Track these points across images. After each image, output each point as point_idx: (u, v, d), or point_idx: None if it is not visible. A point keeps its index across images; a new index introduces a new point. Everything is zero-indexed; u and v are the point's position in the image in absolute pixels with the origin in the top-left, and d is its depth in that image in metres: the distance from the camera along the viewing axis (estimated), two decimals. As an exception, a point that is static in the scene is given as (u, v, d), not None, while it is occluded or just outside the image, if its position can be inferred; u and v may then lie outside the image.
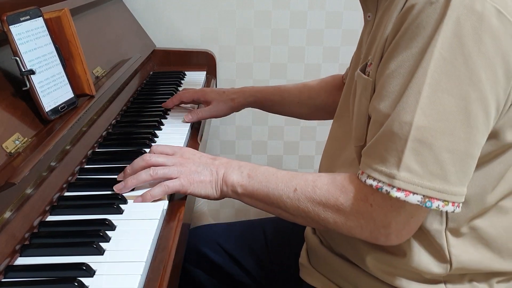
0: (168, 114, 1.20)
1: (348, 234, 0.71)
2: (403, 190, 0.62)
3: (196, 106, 1.23)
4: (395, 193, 0.62)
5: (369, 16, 0.79)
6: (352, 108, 0.79)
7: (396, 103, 0.63)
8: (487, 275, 0.75)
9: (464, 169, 0.62)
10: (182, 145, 1.02)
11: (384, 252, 0.75)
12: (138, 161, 0.82)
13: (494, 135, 0.66)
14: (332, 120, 0.95)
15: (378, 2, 0.76)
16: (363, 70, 0.74)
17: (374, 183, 0.65)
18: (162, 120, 1.15)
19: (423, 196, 0.62)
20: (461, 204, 0.63)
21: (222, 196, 0.80)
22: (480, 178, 0.69)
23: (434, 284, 0.75)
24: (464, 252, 0.72)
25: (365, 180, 0.66)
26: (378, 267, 0.77)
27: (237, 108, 1.18)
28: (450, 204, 0.62)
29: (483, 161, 0.68)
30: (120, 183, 0.81)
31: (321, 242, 0.87)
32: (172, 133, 1.10)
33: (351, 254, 0.81)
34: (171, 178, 0.79)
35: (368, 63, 0.73)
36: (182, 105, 1.22)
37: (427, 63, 0.61)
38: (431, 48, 0.60)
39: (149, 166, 0.80)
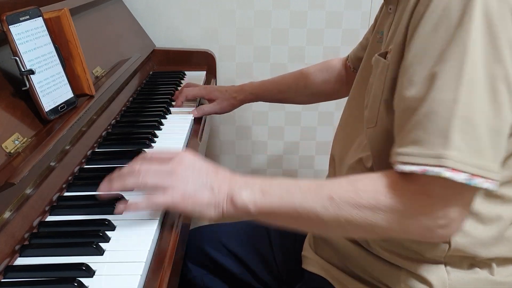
0: (168, 114, 1.21)
1: (403, 235, 0.68)
2: (453, 169, 0.59)
3: (198, 100, 1.32)
4: (445, 173, 0.59)
5: (390, 9, 0.79)
6: (367, 94, 0.79)
7: (431, 85, 0.61)
8: (488, 260, 0.75)
9: (498, 145, 0.62)
10: (182, 145, 1.02)
11: None
12: (128, 167, 0.74)
13: None
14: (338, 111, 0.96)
15: None
16: (383, 56, 0.73)
17: (420, 168, 0.61)
18: (162, 120, 1.15)
19: (470, 174, 0.60)
20: (497, 182, 0.62)
21: (224, 217, 0.71)
22: None
23: (435, 265, 0.75)
24: (462, 234, 0.72)
25: (411, 169, 0.62)
26: (381, 246, 0.77)
27: (239, 105, 1.27)
28: (490, 180, 0.61)
29: None
30: (104, 184, 0.74)
31: (324, 240, 0.87)
32: (172, 133, 1.10)
33: None
34: (162, 190, 0.69)
35: (388, 50, 0.73)
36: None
37: (464, 40, 0.60)
38: (464, 27, 0.60)
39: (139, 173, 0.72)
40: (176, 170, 0.70)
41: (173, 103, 1.29)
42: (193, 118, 1.19)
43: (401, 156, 0.63)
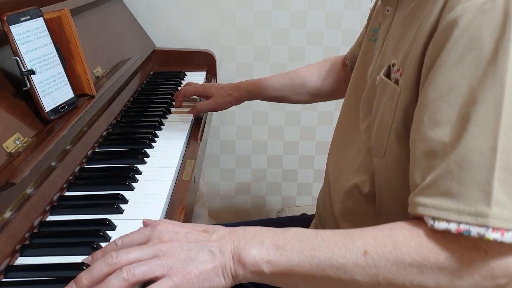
0: (169, 114, 1.21)
1: None
2: (498, 229, 0.51)
3: (198, 99, 1.31)
4: (491, 235, 0.51)
5: (387, 10, 0.73)
6: (367, 111, 0.74)
7: (462, 129, 0.53)
8: None
9: None
10: (182, 146, 1.03)
11: None
12: (99, 266, 0.57)
13: None
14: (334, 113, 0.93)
15: None
16: (387, 75, 0.68)
17: (457, 227, 0.52)
18: (162, 120, 1.15)
19: None
20: None
21: (236, 282, 0.59)
22: None
23: None
24: None
25: (446, 227, 0.53)
26: None
27: (235, 102, 1.24)
28: None
29: None
30: None
31: None
32: (172, 133, 1.10)
33: None
34: (155, 278, 0.56)
35: (395, 69, 0.67)
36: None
37: (501, 79, 0.52)
38: (500, 62, 0.52)
39: (116, 270, 0.56)
40: (161, 250, 0.57)
41: (173, 103, 1.29)
42: (193, 118, 1.19)
43: (432, 209, 0.54)
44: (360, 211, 0.77)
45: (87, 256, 0.63)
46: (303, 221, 1.05)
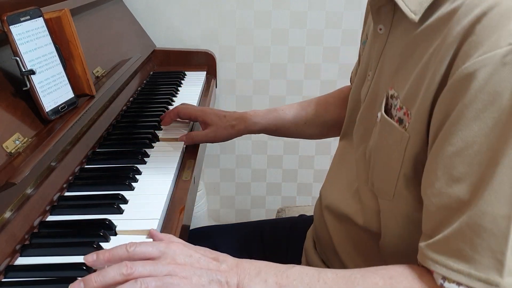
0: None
1: None
2: None
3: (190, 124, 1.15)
4: None
5: (380, 29, 0.69)
6: (362, 137, 0.72)
7: (479, 189, 0.51)
8: None
9: None
10: (182, 146, 1.02)
11: None
12: (113, 273, 0.57)
13: None
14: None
15: (393, 17, 0.67)
16: (388, 109, 0.65)
17: None
18: (162, 120, 1.15)
19: None
20: None
21: None
22: None
23: None
24: None
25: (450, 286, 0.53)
26: None
27: (236, 135, 1.06)
28: None
29: None
30: None
31: (322, 261, 0.85)
32: (172, 133, 1.10)
33: None
34: None
35: (397, 106, 0.63)
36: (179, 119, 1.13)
37: None
38: None
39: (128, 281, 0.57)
40: (175, 271, 0.58)
41: (173, 102, 1.29)
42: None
43: (443, 268, 0.54)
44: (356, 240, 0.76)
45: (90, 254, 0.62)
46: (302, 222, 1.05)
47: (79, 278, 0.60)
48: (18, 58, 0.82)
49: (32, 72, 0.84)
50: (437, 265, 0.54)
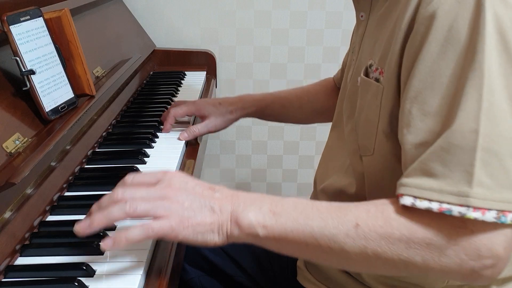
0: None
1: (443, 275, 0.59)
2: (479, 208, 0.53)
3: (192, 117, 1.16)
4: (472, 214, 0.53)
5: (362, 16, 0.75)
6: (350, 114, 0.75)
7: (451, 116, 0.55)
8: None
9: None
10: (181, 146, 1.02)
11: None
12: (107, 197, 0.61)
13: None
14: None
15: (372, 1, 0.74)
16: (367, 74, 0.69)
17: (439, 206, 0.54)
18: (162, 120, 1.15)
19: (497, 211, 0.53)
20: None
21: (228, 241, 0.61)
22: None
23: None
24: None
25: (427, 206, 0.55)
26: (378, 280, 0.74)
27: (236, 120, 1.10)
28: None
29: None
30: (83, 221, 0.61)
31: None
32: (172, 132, 1.10)
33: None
34: (156, 217, 0.59)
35: (373, 69, 0.68)
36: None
37: (479, 65, 0.54)
38: (478, 49, 0.54)
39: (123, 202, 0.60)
40: (168, 194, 0.60)
41: (173, 103, 1.28)
42: (193, 118, 1.17)
43: (413, 189, 0.56)
44: None
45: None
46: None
47: (78, 277, 0.60)
48: (18, 58, 0.82)
49: (32, 72, 0.84)
50: (407, 188, 0.56)
